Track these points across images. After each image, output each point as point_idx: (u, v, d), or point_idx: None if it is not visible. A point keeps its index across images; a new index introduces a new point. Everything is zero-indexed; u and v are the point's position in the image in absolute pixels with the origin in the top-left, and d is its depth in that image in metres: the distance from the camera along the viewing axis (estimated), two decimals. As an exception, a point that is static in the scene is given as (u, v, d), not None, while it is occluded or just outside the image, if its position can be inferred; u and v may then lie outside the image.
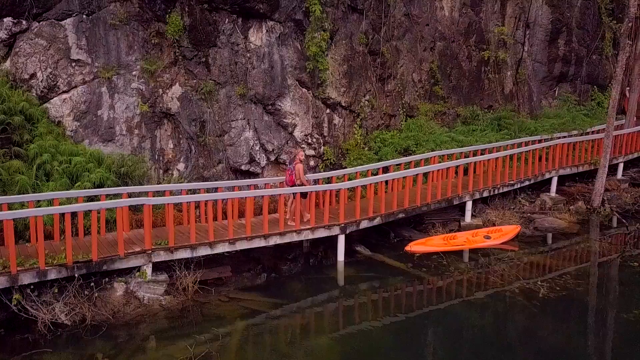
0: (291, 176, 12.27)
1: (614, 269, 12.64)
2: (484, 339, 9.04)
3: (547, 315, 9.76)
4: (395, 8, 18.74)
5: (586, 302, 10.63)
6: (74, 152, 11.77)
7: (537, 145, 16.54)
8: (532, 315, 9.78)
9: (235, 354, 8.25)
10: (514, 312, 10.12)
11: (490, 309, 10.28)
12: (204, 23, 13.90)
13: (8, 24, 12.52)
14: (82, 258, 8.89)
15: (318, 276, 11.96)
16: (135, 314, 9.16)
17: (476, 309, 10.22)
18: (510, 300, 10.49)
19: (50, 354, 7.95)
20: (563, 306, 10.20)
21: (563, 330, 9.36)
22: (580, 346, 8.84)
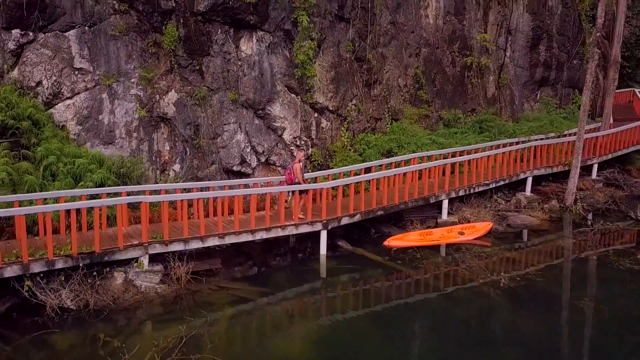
0: (290, 175, 13.34)
1: (575, 263, 13.63)
2: (449, 324, 10.05)
3: (507, 303, 10.80)
4: (382, 17, 19.75)
5: (544, 292, 11.62)
6: (77, 154, 12.78)
7: (512, 147, 17.55)
8: (494, 302, 10.81)
9: (222, 334, 9.25)
10: (478, 300, 11.12)
11: (457, 298, 11.28)
12: (197, 34, 14.92)
13: (16, 36, 13.54)
14: (86, 250, 9.92)
15: (302, 268, 12.97)
16: (134, 301, 10.18)
17: (444, 298, 11.22)
18: (475, 289, 11.49)
19: (58, 334, 8.96)
20: (522, 295, 11.22)
21: (520, 315, 10.38)
22: (531, 328, 9.85)
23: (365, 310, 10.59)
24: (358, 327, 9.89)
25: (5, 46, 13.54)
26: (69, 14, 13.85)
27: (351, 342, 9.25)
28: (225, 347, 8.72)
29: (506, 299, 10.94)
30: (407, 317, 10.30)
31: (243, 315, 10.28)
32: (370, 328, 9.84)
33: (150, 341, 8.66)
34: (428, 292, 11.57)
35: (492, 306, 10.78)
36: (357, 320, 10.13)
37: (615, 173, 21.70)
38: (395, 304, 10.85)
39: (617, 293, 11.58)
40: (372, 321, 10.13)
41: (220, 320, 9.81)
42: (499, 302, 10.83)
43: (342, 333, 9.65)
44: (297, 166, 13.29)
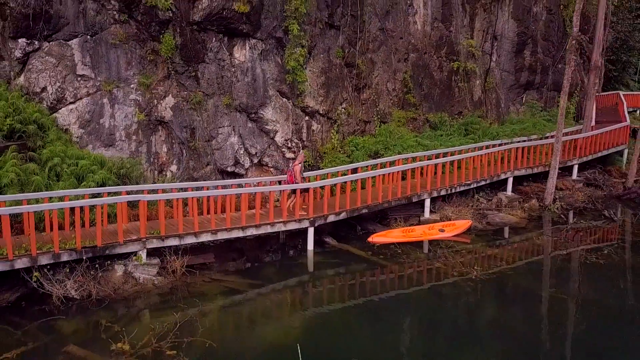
0: (291, 176, 14.29)
1: (548, 259, 14.52)
2: (426, 314, 10.93)
3: (481, 295, 11.68)
4: (371, 23, 20.62)
5: (515, 285, 12.52)
6: (80, 156, 13.63)
7: (493, 149, 18.42)
8: (469, 295, 11.69)
9: (214, 321, 10.14)
10: (454, 292, 11.99)
11: (434, 290, 12.16)
12: (193, 42, 15.79)
13: (22, 44, 14.41)
14: (89, 244, 10.79)
15: (291, 263, 13.85)
16: (133, 291, 11.05)
17: (422, 290, 12.11)
18: (451, 282, 12.37)
19: (63, 320, 9.83)
20: (495, 287, 12.11)
21: (492, 306, 11.26)
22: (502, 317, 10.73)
23: (348, 301, 11.49)
24: (341, 316, 10.78)
25: (12, 54, 14.41)
26: (72, 23, 14.71)
27: (334, 329, 10.15)
28: (216, 332, 9.59)
29: (480, 292, 11.82)
30: (387, 308, 11.17)
31: (234, 305, 11.16)
32: (352, 317, 10.75)
33: (147, 326, 9.55)
34: (407, 285, 12.47)
35: (467, 298, 11.65)
36: (341, 310, 11.02)
37: (596, 173, 22.59)
38: (376, 295, 11.74)
39: (584, 285, 12.50)
40: (354, 311, 11.03)
41: (212, 309, 10.69)
42: (473, 295, 11.70)
43: (326, 321, 10.55)
44: (297, 168, 14.28)
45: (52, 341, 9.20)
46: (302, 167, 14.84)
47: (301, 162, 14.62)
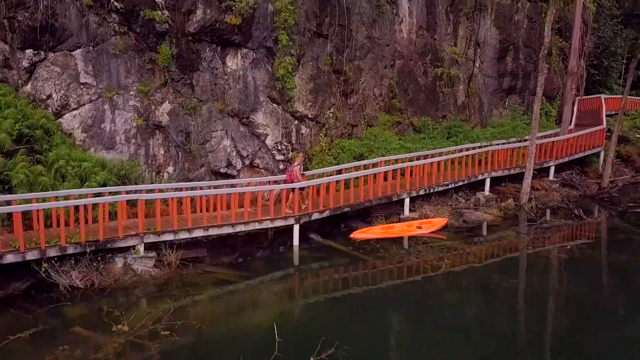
0: (290, 175, 15.54)
1: (516, 253, 15.66)
2: (399, 303, 12.08)
3: (445, 284, 12.83)
4: (358, 32, 21.75)
5: (483, 276, 13.67)
6: (83, 158, 14.76)
7: (470, 152, 19.55)
8: (434, 283, 12.84)
9: (205, 307, 11.28)
10: (426, 283, 13.14)
11: (407, 281, 13.32)
12: (188, 52, 16.94)
13: (29, 55, 15.55)
14: (92, 238, 11.93)
15: (278, 257, 14.97)
16: (131, 281, 12.19)
17: (397, 281, 13.27)
18: (424, 274, 13.52)
19: (69, 307, 10.97)
20: (459, 278, 13.26)
21: (460, 296, 12.41)
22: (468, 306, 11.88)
23: (328, 291, 12.67)
24: (320, 304, 11.95)
25: (20, 64, 15.54)
26: (75, 35, 15.85)
27: (312, 314, 11.32)
28: (207, 317, 10.73)
29: (448, 283, 12.96)
30: (363, 297, 12.31)
31: (223, 294, 12.30)
32: (330, 304, 11.92)
33: (144, 311, 10.69)
34: (383, 277, 13.60)
35: (435, 288, 12.78)
36: (321, 299, 12.18)
37: (573, 174, 23.76)
38: (354, 286, 12.95)
39: (546, 277, 13.66)
40: (333, 299, 12.20)
41: (203, 297, 11.83)
42: (441, 286, 12.84)
43: (306, 308, 11.72)
44: (296, 168, 15.62)
45: (60, 324, 10.34)
46: (302, 167, 16.13)
47: (300, 163, 15.90)
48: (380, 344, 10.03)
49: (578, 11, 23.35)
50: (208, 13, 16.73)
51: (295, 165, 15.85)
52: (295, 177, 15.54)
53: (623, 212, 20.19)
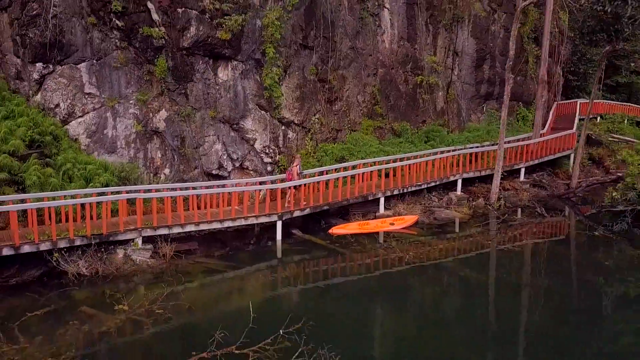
0: (289, 175, 17.44)
1: (479, 247, 17.32)
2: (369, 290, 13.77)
3: (409, 273, 14.52)
4: (342, 43, 23.42)
5: (444, 267, 15.34)
6: (87, 161, 16.44)
7: (442, 155, 21.21)
8: (399, 272, 14.53)
9: (195, 291, 12.96)
10: (389, 270, 14.82)
11: (375, 268, 15.00)
12: (183, 64, 18.63)
13: (39, 68, 17.24)
14: (96, 232, 13.63)
15: (263, 250, 16.65)
16: (131, 270, 13.88)
17: (368, 271, 14.96)
18: (388, 262, 15.21)
19: (77, 290, 12.66)
20: (421, 267, 14.95)
21: (415, 280, 14.10)
22: (429, 292, 13.56)
23: (305, 279, 14.37)
24: (298, 290, 13.64)
25: (31, 76, 17.25)
26: (80, 50, 17.54)
27: (291, 299, 12.97)
28: (196, 299, 12.42)
29: (413, 273, 14.65)
30: (337, 284, 14.03)
31: (212, 281, 13.98)
32: (307, 291, 13.61)
33: (142, 294, 12.39)
34: (356, 267, 15.28)
35: (402, 277, 14.46)
36: (299, 286, 13.89)
37: (544, 176, 25.43)
38: (330, 275, 14.61)
39: (503, 268, 15.35)
40: (309, 285, 13.93)
41: (194, 283, 13.51)
42: (407, 275, 14.54)
43: (285, 293, 13.41)
44: (295, 169, 17.54)
45: (69, 304, 12.02)
46: (300, 167, 17.88)
47: (298, 164, 17.68)
48: (342, 320, 11.71)
49: (547, 23, 25.02)
50: (201, 29, 18.42)
51: (294, 165, 17.73)
52: (294, 176, 17.36)
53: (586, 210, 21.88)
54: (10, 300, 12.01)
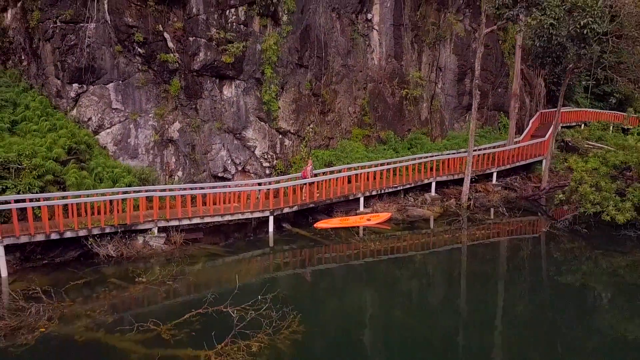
0: (304, 173, 21.18)
1: (439, 239, 20.42)
2: (340, 268, 17.05)
3: (378, 259, 17.75)
4: (334, 61, 26.67)
5: (408, 258, 18.51)
6: (114, 165, 20.00)
7: (417, 161, 24.30)
8: (369, 258, 17.77)
9: (199, 270, 16.38)
10: (359, 257, 18.05)
11: (348, 255, 18.26)
12: (193, 84, 22.11)
13: (75, 88, 20.87)
14: (122, 222, 17.15)
15: (257, 240, 19.99)
16: (148, 253, 17.37)
17: (345, 259, 18.22)
18: (360, 252, 18.44)
19: (106, 267, 16.18)
20: (389, 255, 18.16)
21: (382, 264, 17.34)
22: (388, 270, 16.79)
23: (291, 263, 17.64)
24: (282, 270, 16.93)
25: (68, 95, 20.89)
26: (109, 73, 21.12)
27: (274, 276, 16.30)
28: (199, 274, 15.85)
29: (383, 261, 17.88)
30: (317, 268, 17.32)
31: (213, 262, 17.37)
32: (290, 271, 16.89)
33: (156, 270, 15.84)
34: (334, 254, 18.54)
35: (372, 262, 17.68)
36: (284, 268, 17.19)
37: (517, 179, 28.32)
38: (312, 260, 17.88)
39: (461, 260, 18.47)
40: (293, 269, 17.17)
41: (198, 264, 16.93)
42: (375, 260, 17.76)
43: (271, 272, 16.70)
44: (308, 169, 21.17)
45: (100, 277, 15.53)
46: (312, 168, 21.48)
47: (310, 165, 21.33)
48: (311, 293, 15.01)
49: (518, 43, 27.89)
50: (208, 55, 21.88)
51: (308, 166, 21.25)
52: (308, 175, 20.97)
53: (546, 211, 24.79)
54: (56, 273, 15.60)
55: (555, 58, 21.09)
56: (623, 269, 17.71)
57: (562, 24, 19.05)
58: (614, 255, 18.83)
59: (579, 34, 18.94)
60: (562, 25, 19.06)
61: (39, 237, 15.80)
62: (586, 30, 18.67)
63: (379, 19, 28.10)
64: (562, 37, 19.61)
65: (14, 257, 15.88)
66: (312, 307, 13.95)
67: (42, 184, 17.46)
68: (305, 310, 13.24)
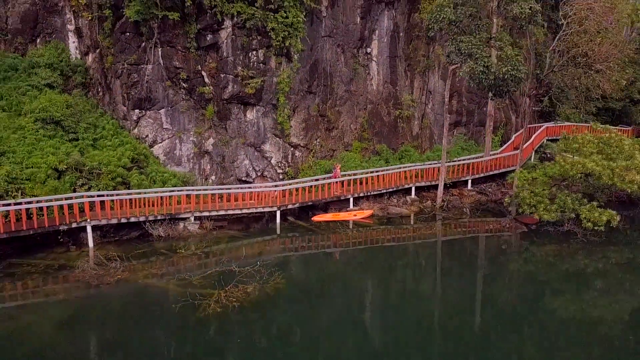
0: (335, 174, 27.82)
1: (410, 230, 26.39)
2: (327, 252, 23.48)
3: (363, 245, 24.04)
4: (339, 88, 33.03)
5: (375, 244, 24.67)
6: (164, 171, 27.05)
7: (400, 169, 30.29)
8: (349, 244, 24.09)
9: (222, 246, 23.10)
10: (346, 243, 24.34)
11: (337, 241, 24.60)
12: (224, 109, 28.96)
13: (137, 112, 28.09)
14: (168, 212, 24.12)
15: (267, 229, 26.54)
16: (187, 235, 24.26)
17: (332, 241, 24.59)
18: (346, 239, 24.75)
19: (157, 243, 23.13)
20: (371, 244, 24.43)
21: (365, 249, 23.63)
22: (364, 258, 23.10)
23: (291, 246, 24.16)
24: (283, 250, 23.47)
25: (131, 118, 28.12)
26: (161, 102, 28.23)
27: (276, 254, 22.87)
28: (222, 250, 22.57)
29: (367, 247, 24.15)
30: (310, 249, 23.75)
31: (233, 242, 24.03)
32: (289, 251, 23.41)
33: (191, 245, 22.68)
34: (326, 240, 24.91)
35: (351, 248, 23.96)
36: (285, 249, 23.74)
37: (493, 186, 33.79)
38: (307, 244, 24.35)
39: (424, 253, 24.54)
40: (292, 250, 23.68)
41: (221, 243, 23.65)
42: (354, 245, 24.06)
43: (275, 251, 23.26)
44: (338, 171, 27.79)
45: (153, 249, 22.45)
46: (340, 170, 28.07)
47: (338, 167, 28.03)
48: (301, 265, 21.44)
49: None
50: (235, 87, 28.70)
51: (337, 168, 27.92)
52: (336, 175, 27.61)
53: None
54: (124, 246, 22.64)
55: (497, 92, 26.66)
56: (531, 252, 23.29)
57: (490, 70, 24.68)
58: (534, 244, 24.35)
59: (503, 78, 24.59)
60: (490, 71, 24.69)
61: (113, 220, 22.93)
62: (506, 75, 24.27)
63: (377, 52, 34.26)
64: (490, 80, 25.23)
65: (96, 234, 23.03)
66: (295, 272, 20.40)
67: (114, 184, 24.65)
68: (289, 273, 19.72)
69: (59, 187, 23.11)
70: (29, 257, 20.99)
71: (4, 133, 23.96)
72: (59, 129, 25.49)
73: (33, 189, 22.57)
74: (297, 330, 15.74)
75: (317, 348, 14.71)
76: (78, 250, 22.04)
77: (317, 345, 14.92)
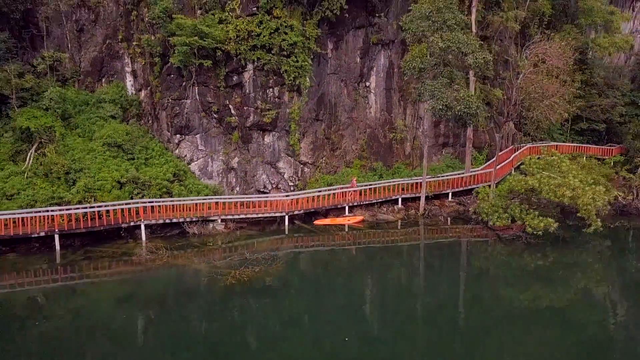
0: (352, 185, 34.76)
1: (392, 234, 32.99)
2: (323, 250, 30.47)
3: (345, 246, 30.92)
4: (342, 115, 40.03)
5: (362, 244, 31.42)
6: (198, 183, 34.52)
7: (388, 184, 36.95)
8: (342, 243, 31.00)
9: (241, 242, 30.32)
10: (341, 243, 31.21)
11: (333, 241, 31.59)
12: (246, 135, 36.34)
13: (177, 137, 35.77)
14: (201, 215, 31.52)
15: (278, 229, 33.59)
16: (215, 233, 31.59)
17: (328, 240, 31.51)
18: (342, 239, 31.63)
19: (192, 238, 30.54)
20: (363, 244, 31.25)
21: (356, 248, 30.52)
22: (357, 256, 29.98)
23: (295, 244, 31.21)
24: (289, 247, 30.56)
25: (173, 141, 35.81)
26: (197, 128, 35.81)
27: (283, 249, 29.99)
28: (241, 244, 29.80)
29: (359, 246, 31.01)
30: (311, 247, 30.75)
31: (250, 239, 31.19)
32: (294, 247, 30.50)
33: (217, 240, 30.01)
34: (324, 239, 31.84)
35: (342, 247, 30.82)
36: (291, 246, 30.82)
37: (472, 197, 40.02)
38: (307, 242, 31.35)
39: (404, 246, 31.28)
40: (296, 247, 30.75)
41: (241, 240, 30.86)
42: (345, 244, 30.95)
43: (283, 247, 30.36)
44: (354, 181, 34.76)
45: (189, 243, 29.81)
46: (356, 181, 34.99)
47: (354, 178, 34.90)
48: (301, 259, 28.43)
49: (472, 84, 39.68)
50: (255, 117, 36.05)
51: (354, 179, 35.00)
52: (353, 185, 34.62)
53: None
54: (168, 240, 30.07)
55: (459, 123, 33.11)
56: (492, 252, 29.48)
57: (449, 108, 31.15)
58: (485, 244, 30.59)
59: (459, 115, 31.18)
60: (449, 108, 31.17)
61: (160, 221, 30.50)
62: (461, 113, 30.71)
63: (374, 85, 41.13)
64: (448, 116, 31.70)
65: (147, 231, 30.58)
66: (293, 261, 27.42)
67: (160, 193, 32.25)
68: (289, 261, 26.76)
69: (120, 195, 30.84)
70: (99, 246, 28.71)
71: (81, 154, 31.95)
72: (120, 150, 33.34)
73: (102, 196, 30.37)
74: (287, 295, 22.74)
75: (302, 305, 21.66)
76: (134, 243, 29.62)
77: (301, 303, 21.88)
